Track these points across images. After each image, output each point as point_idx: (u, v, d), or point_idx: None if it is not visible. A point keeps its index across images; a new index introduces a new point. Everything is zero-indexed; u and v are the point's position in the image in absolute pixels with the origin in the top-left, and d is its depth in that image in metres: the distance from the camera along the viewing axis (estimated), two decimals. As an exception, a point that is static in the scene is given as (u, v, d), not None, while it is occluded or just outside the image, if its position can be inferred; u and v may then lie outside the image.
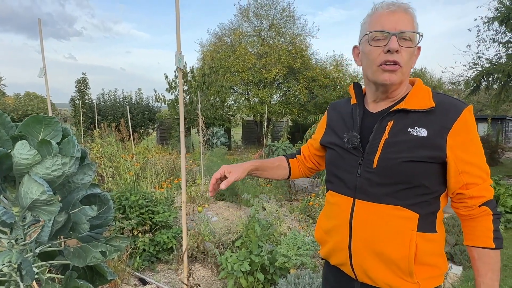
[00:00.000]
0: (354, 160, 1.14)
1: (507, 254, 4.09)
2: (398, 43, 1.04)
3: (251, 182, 6.33)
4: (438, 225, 1.11)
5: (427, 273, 1.08)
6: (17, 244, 1.58)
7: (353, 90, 1.24)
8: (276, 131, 20.53)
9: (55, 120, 1.69)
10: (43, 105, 13.12)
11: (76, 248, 1.62)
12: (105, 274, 1.85)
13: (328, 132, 1.30)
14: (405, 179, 1.04)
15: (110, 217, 1.71)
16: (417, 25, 1.09)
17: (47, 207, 1.41)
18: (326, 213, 1.27)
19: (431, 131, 1.03)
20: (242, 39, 18.53)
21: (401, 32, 1.04)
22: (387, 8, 1.07)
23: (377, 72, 1.09)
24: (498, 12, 10.29)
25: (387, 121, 1.10)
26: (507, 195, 5.39)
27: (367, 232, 1.09)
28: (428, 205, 1.07)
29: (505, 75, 8.63)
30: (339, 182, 1.19)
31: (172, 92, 14.08)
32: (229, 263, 3.01)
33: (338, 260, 1.20)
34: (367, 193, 1.09)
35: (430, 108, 1.06)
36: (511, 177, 9.39)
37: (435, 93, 1.10)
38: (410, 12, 1.08)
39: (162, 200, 4.30)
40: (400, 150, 1.05)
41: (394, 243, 1.06)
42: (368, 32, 1.09)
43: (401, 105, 1.09)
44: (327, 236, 1.24)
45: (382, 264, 1.08)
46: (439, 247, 1.11)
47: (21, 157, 1.38)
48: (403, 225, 1.05)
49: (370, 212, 1.09)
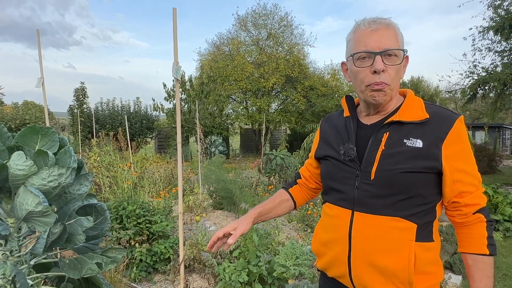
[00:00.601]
0: (351, 172, 1.14)
1: (506, 263, 4.07)
2: (384, 61, 1.06)
3: (249, 191, 6.32)
4: (435, 234, 1.13)
5: (426, 282, 1.09)
6: (11, 255, 1.57)
7: (346, 103, 1.25)
8: (274, 139, 20.53)
9: (52, 130, 1.69)
10: (41, 114, 13.09)
11: (71, 259, 1.61)
12: (101, 286, 1.83)
13: (322, 145, 1.30)
14: (403, 190, 1.05)
15: (106, 228, 1.70)
16: (401, 38, 1.11)
17: (43, 218, 1.40)
18: (324, 225, 1.27)
19: (426, 142, 1.05)
20: (240, 48, 18.64)
21: (385, 50, 1.06)
22: (369, 26, 1.08)
23: (366, 91, 1.11)
24: (493, 22, 10.42)
25: (383, 133, 1.11)
26: (505, 204, 5.38)
27: (367, 244, 1.09)
28: (425, 214, 1.08)
29: (501, 83, 8.70)
30: (336, 195, 1.19)
31: (170, 101, 14.11)
32: (227, 274, 2.98)
33: (337, 273, 1.20)
34: (365, 205, 1.10)
35: (424, 119, 1.07)
36: (509, 185, 9.39)
37: (427, 104, 1.12)
38: (392, 27, 1.09)
39: (159, 210, 4.28)
40: (397, 161, 1.06)
41: (394, 255, 1.06)
42: (353, 53, 1.10)
43: (396, 116, 1.10)
44: (325, 249, 1.23)
45: (382, 276, 1.08)
46: (436, 254, 1.13)
47: (17, 168, 1.37)
48: (402, 236, 1.06)
49: (370, 224, 1.09)
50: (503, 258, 4.23)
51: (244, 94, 18.77)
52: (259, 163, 9.09)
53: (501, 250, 4.50)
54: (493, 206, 5.45)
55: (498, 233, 5.05)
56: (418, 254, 1.06)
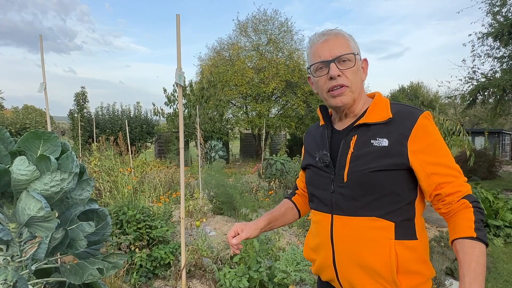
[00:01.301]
0: (327, 177, 1.19)
1: (507, 269, 4.05)
2: (338, 67, 1.13)
3: (249, 196, 6.30)
4: (419, 232, 1.12)
5: (412, 281, 1.09)
6: (12, 261, 1.56)
7: (320, 112, 1.31)
8: (274, 144, 20.55)
9: (54, 135, 1.69)
10: (41, 118, 13.12)
11: (72, 265, 1.60)
12: (101, 291, 1.82)
13: (306, 156, 1.37)
14: (375, 189, 1.08)
15: (107, 233, 1.69)
16: (352, 44, 1.17)
17: (45, 224, 1.40)
18: (311, 231, 1.32)
19: (391, 140, 1.09)
20: (240, 53, 18.73)
21: (337, 57, 1.13)
22: (319, 39, 1.16)
23: (328, 98, 1.18)
24: (492, 28, 10.50)
25: (352, 136, 1.16)
26: (506, 209, 5.38)
27: (348, 246, 1.12)
28: (402, 212, 1.10)
29: (500, 89, 8.74)
30: (317, 201, 1.24)
31: (170, 106, 14.14)
32: (227, 279, 2.97)
33: (327, 277, 1.23)
34: (342, 208, 1.14)
35: (388, 119, 1.12)
36: (509, 190, 9.39)
37: (393, 104, 1.17)
38: (341, 35, 1.17)
39: (159, 215, 4.27)
40: (366, 161, 1.10)
41: (375, 254, 1.08)
42: (310, 66, 1.20)
43: (362, 119, 1.15)
44: (314, 254, 1.27)
45: (367, 276, 1.10)
46: (422, 254, 1.12)
47: (19, 173, 1.37)
48: (380, 235, 1.08)
49: (348, 226, 1.12)
50: (504, 264, 4.22)
51: (244, 99, 18.83)
52: (259, 168, 9.08)
53: (502, 256, 4.49)
54: (493, 212, 5.44)
55: (499, 239, 5.04)
56: (400, 252, 1.07)
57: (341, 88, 1.13)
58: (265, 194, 6.81)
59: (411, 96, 24.51)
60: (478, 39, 11.14)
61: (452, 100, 13.24)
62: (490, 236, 5.09)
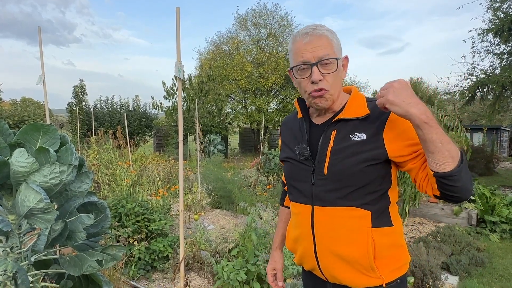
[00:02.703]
0: (307, 170, 1.22)
1: (503, 264, 4.09)
2: (320, 71, 1.14)
3: (248, 190, 6.33)
4: (394, 219, 1.19)
5: (389, 266, 1.16)
6: (12, 252, 1.57)
7: (298, 105, 1.32)
8: (272, 139, 20.56)
9: (53, 127, 1.69)
10: (39, 111, 13.07)
11: (72, 256, 1.61)
12: (100, 283, 1.84)
13: (283, 148, 1.39)
14: (354, 181, 1.13)
15: (106, 226, 1.71)
16: (336, 44, 1.17)
17: (44, 215, 1.41)
18: (292, 223, 1.35)
19: (368, 134, 1.14)
20: (240, 47, 18.65)
21: (320, 60, 1.13)
22: (303, 38, 1.15)
23: (309, 98, 1.21)
24: (492, 24, 10.47)
25: (331, 131, 1.19)
26: (502, 205, 5.41)
27: (328, 235, 1.18)
28: (378, 201, 1.16)
29: (499, 86, 8.74)
30: (297, 193, 1.27)
31: (169, 99, 14.10)
32: (225, 272, 2.99)
33: (309, 266, 1.28)
34: (322, 199, 1.18)
35: (365, 115, 1.16)
36: (506, 187, 9.43)
37: (369, 100, 1.21)
38: (325, 36, 1.15)
39: (158, 208, 4.28)
40: (345, 155, 1.14)
41: (353, 242, 1.14)
42: (292, 67, 1.20)
43: (341, 115, 1.19)
44: (296, 245, 1.31)
45: (346, 264, 1.16)
46: (397, 239, 1.19)
47: (18, 164, 1.38)
48: (358, 223, 1.14)
49: (328, 216, 1.17)
50: (500, 259, 4.25)
51: (243, 93, 18.78)
52: (257, 162, 9.10)
53: (497, 251, 4.52)
54: (490, 208, 5.47)
55: (495, 234, 5.07)
56: (377, 239, 1.13)
57: (321, 91, 1.16)
58: (264, 188, 6.84)
59: (410, 91, 24.47)
60: (478, 35, 11.13)
61: (451, 96, 13.23)
62: (486, 232, 5.13)
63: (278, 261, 1.51)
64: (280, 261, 1.52)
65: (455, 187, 1.00)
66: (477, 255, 3.99)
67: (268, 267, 1.52)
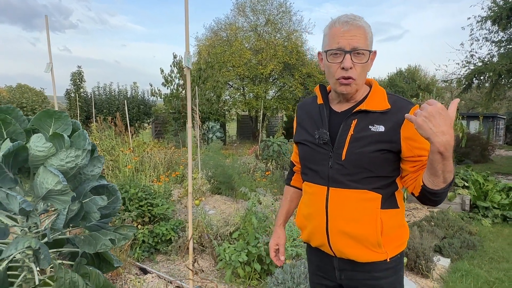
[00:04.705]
0: (325, 154, 1.31)
1: (493, 247, 4.25)
2: (352, 59, 1.20)
3: (247, 176, 6.44)
4: (399, 202, 1.32)
5: (392, 243, 1.29)
6: (30, 232, 1.67)
7: (319, 91, 1.40)
8: (270, 126, 20.62)
9: (64, 114, 1.77)
10: (37, 98, 13.04)
11: (86, 236, 1.71)
12: (111, 261, 1.95)
13: (299, 131, 1.45)
14: (369, 167, 1.23)
15: (117, 207, 1.80)
16: (370, 38, 1.24)
17: (61, 197, 1.50)
18: (304, 201, 1.44)
19: (387, 127, 1.22)
20: (238, 34, 18.52)
21: (354, 50, 1.20)
22: (342, 26, 1.21)
23: (335, 84, 1.27)
24: (491, 12, 10.46)
25: (352, 120, 1.27)
26: (495, 191, 5.56)
27: (341, 214, 1.27)
28: (387, 187, 1.27)
29: (496, 74, 8.81)
30: (313, 174, 1.36)
31: (168, 86, 14.08)
32: (227, 254, 3.12)
33: (318, 242, 1.37)
34: (338, 181, 1.27)
35: (386, 109, 1.25)
36: (500, 174, 9.61)
37: (389, 95, 1.29)
38: (363, 28, 1.22)
39: (160, 193, 4.39)
40: (364, 144, 1.23)
41: (364, 221, 1.25)
42: (326, 50, 1.25)
43: (363, 106, 1.27)
44: (307, 222, 1.40)
45: (355, 240, 1.26)
46: (401, 219, 1.32)
47: (37, 149, 1.46)
48: (369, 205, 1.25)
49: (342, 197, 1.27)
50: (491, 243, 4.41)
51: (241, 81, 18.74)
52: (256, 149, 9.19)
53: (489, 235, 4.68)
54: (483, 193, 5.62)
55: (487, 219, 5.23)
56: (384, 220, 1.25)
57: (348, 79, 1.22)
58: (262, 174, 6.95)
59: (408, 79, 24.48)
60: (477, 23, 11.13)
61: (449, 84, 13.30)
62: (478, 217, 5.28)
63: (281, 237, 1.58)
64: (283, 237, 1.59)
65: (434, 200, 1.16)
66: (469, 239, 4.14)
67: (271, 243, 1.59)
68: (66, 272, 1.59)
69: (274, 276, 2.76)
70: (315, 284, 1.49)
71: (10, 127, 1.60)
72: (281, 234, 1.60)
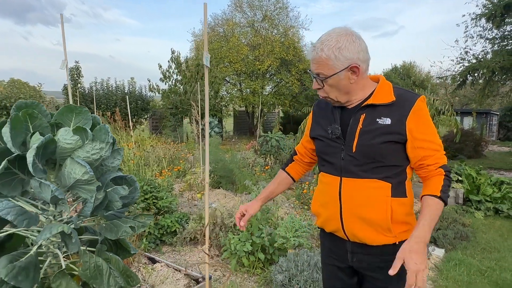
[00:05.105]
0: (337, 147, 1.42)
1: (485, 238, 4.43)
2: (318, 82, 1.38)
3: (247, 170, 6.57)
4: (408, 192, 1.41)
5: (401, 228, 1.39)
6: (54, 219, 1.78)
7: None
8: (267, 122, 20.74)
9: (85, 109, 1.88)
10: (35, 93, 13.04)
11: (107, 223, 1.83)
12: (128, 248, 2.07)
13: (315, 127, 1.58)
14: (378, 158, 1.34)
15: (136, 197, 1.92)
16: (334, 60, 1.31)
17: (87, 186, 1.61)
18: (320, 190, 1.56)
19: (393, 119, 1.33)
20: (235, 29, 18.58)
21: (318, 75, 1.36)
22: (310, 53, 1.38)
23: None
24: (486, 9, 10.63)
25: (360, 114, 1.39)
26: (487, 185, 5.74)
27: (354, 202, 1.39)
28: (397, 176, 1.37)
29: (489, 71, 8.99)
30: (328, 165, 1.48)
31: (166, 82, 14.13)
32: (232, 244, 3.25)
33: (333, 228, 1.49)
34: (350, 172, 1.39)
35: (391, 102, 1.35)
36: (493, 169, 9.83)
37: (395, 88, 1.39)
38: (325, 56, 1.31)
39: (164, 187, 4.51)
40: (372, 136, 1.34)
41: (375, 208, 1.35)
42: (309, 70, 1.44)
43: (370, 100, 1.38)
44: (322, 209, 1.52)
45: (368, 226, 1.38)
46: (409, 208, 1.41)
47: (65, 142, 1.57)
48: (380, 193, 1.35)
49: (354, 186, 1.38)
50: (483, 234, 4.59)
51: (238, 76, 18.82)
52: (253, 144, 9.31)
53: (481, 227, 4.86)
54: (476, 187, 5.80)
55: (480, 212, 5.41)
56: (394, 207, 1.35)
57: (325, 97, 1.40)
58: (262, 169, 7.08)
59: (403, 75, 24.67)
60: (471, 20, 11.29)
61: (443, 81, 13.50)
62: (471, 210, 5.46)
63: (253, 208, 1.65)
64: (254, 209, 1.65)
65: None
66: (462, 230, 4.31)
67: (242, 206, 1.66)
68: (91, 256, 1.70)
69: (278, 264, 2.90)
70: (327, 265, 1.62)
71: (36, 121, 1.70)
72: (255, 206, 1.66)
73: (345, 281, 1.56)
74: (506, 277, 3.38)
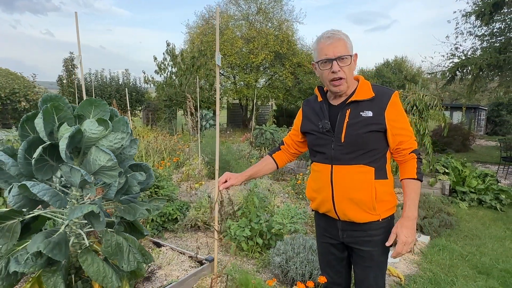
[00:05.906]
0: (328, 139, 1.64)
1: (468, 227, 4.71)
2: (338, 64, 1.55)
3: (243, 161, 6.77)
4: (388, 174, 1.66)
5: (384, 207, 1.64)
6: (77, 202, 1.97)
7: (318, 91, 1.76)
8: (261, 115, 20.91)
9: (103, 102, 2.06)
10: (28, 83, 13.00)
11: (126, 206, 2.02)
12: (142, 230, 2.27)
13: (305, 122, 1.79)
14: (363, 146, 1.57)
15: (151, 183, 2.11)
16: (349, 45, 1.58)
17: (110, 172, 1.80)
18: (313, 178, 1.78)
19: (374, 112, 1.58)
20: (229, 22, 18.60)
21: (339, 57, 1.54)
22: (326, 40, 1.56)
23: (329, 85, 1.62)
24: (476, 6, 10.89)
25: (346, 110, 1.62)
26: (472, 177, 6.03)
27: (344, 186, 1.61)
28: (379, 160, 1.62)
29: (477, 67, 9.28)
30: (320, 156, 1.70)
31: (161, 74, 14.18)
32: (232, 230, 3.46)
33: (326, 209, 1.73)
34: (339, 159, 1.61)
35: (372, 97, 1.60)
36: (479, 162, 10.19)
37: (373, 85, 1.64)
38: (343, 40, 1.56)
39: (164, 177, 4.69)
40: (358, 127, 1.57)
41: (362, 189, 1.59)
42: (318, 61, 1.60)
43: (354, 97, 1.61)
44: (316, 194, 1.75)
45: (356, 206, 1.61)
46: (390, 188, 1.67)
47: (91, 132, 1.75)
48: (365, 177, 1.59)
49: (343, 172, 1.61)
50: (466, 223, 4.88)
51: (232, 69, 18.90)
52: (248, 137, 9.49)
53: (465, 217, 5.15)
54: (461, 179, 6.09)
55: (464, 203, 5.71)
56: (377, 188, 1.59)
57: (340, 80, 1.57)
58: (257, 160, 7.29)
59: (395, 70, 25.00)
60: (462, 17, 11.54)
61: (434, 76, 13.81)
62: (456, 200, 5.76)
63: (237, 180, 1.82)
64: (237, 181, 1.82)
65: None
66: (447, 218, 4.59)
67: (227, 173, 1.83)
68: (112, 235, 1.90)
69: (276, 248, 3.12)
70: (322, 243, 1.86)
71: (61, 113, 1.88)
72: (239, 178, 1.83)
73: (337, 255, 1.81)
74: (485, 261, 3.66)
